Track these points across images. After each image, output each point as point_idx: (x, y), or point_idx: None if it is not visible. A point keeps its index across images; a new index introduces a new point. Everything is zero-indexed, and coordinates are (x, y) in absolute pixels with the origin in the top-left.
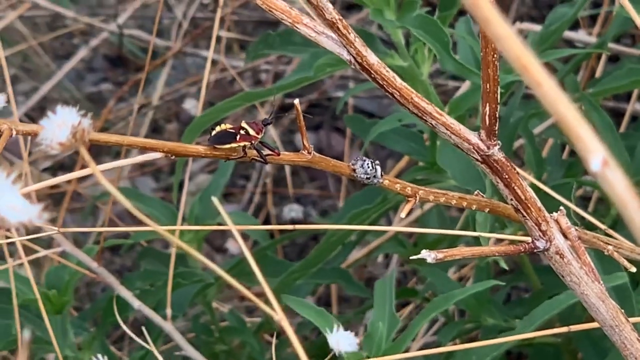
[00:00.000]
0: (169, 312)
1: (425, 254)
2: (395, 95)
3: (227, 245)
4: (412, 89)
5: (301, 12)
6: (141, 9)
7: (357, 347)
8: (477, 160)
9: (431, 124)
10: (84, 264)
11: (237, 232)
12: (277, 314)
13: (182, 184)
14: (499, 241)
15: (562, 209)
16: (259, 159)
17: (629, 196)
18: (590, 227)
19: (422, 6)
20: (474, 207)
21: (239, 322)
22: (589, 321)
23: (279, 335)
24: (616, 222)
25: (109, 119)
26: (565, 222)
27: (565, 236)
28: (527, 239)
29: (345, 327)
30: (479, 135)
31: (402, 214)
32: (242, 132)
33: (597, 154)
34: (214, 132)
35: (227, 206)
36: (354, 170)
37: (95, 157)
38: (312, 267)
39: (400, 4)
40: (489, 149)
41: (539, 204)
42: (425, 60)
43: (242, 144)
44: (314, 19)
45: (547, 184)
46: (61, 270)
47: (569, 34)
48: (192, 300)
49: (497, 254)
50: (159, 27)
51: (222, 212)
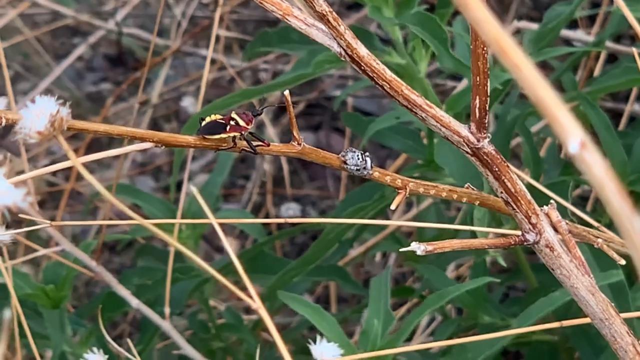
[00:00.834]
0: (167, 311)
1: (415, 245)
2: (385, 87)
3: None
4: (402, 81)
5: (292, 5)
6: (142, 7)
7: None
8: (467, 152)
9: (421, 116)
10: (81, 261)
11: (222, 230)
12: (255, 302)
13: (181, 183)
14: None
15: (552, 202)
16: (249, 149)
17: (606, 178)
18: (587, 226)
19: (420, 4)
20: (464, 199)
21: (235, 320)
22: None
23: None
24: (613, 221)
25: (108, 117)
26: (555, 215)
27: (555, 230)
28: (518, 233)
29: (342, 325)
30: (469, 128)
31: (392, 206)
32: (232, 122)
33: (575, 136)
34: (204, 123)
35: (227, 205)
36: (344, 161)
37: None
38: (309, 264)
39: (398, 1)
40: (478, 141)
41: (529, 196)
42: (423, 57)
43: (232, 134)
44: (304, 12)
45: (544, 182)
46: (59, 266)
47: (567, 34)
48: (189, 296)
49: (486, 247)
50: (160, 26)
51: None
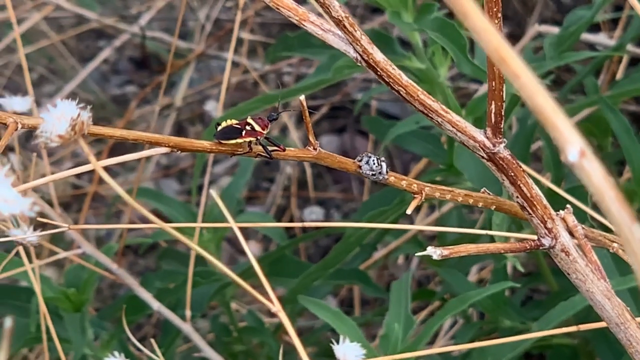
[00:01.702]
0: (188, 314)
1: (431, 250)
2: (401, 92)
3: (248, 246)
4: (417, 86)
5: (309, 10)
6: (167, 11)
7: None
8: (482, 157)
9: (437, 121)
10: (103, 264)
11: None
12: (274, 305)
13: (203, 187)
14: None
15: (568, 206)
16: (264, 154)
17: (606, 186)
18: (607, 231)
19: (439, 9)
20: (480, 204)
21: (257, 323)
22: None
23: (300, 335)
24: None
25: (132, 120)
26: (572, 220)
27: (572, 234)
28: (534, 237)
29: (364, 328)
30: (485, 132)
31: (408, 211)
32: (248, 127)
33: (574, 145)
34: (220, 128)
35: (251, 208)
36: (360, 166)
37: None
38: (329, 267)
39: (418, 6)
40: (494, 146)
41: (545, 201)
42: (442, 62)
43: (248, 139)
44: (325, 17)
45: (565, 187)
46: (80, 269)
47: (589, 37)
48: (210, 299)
49: (502, 251)
50: (185, 30)
51: (213, 194)
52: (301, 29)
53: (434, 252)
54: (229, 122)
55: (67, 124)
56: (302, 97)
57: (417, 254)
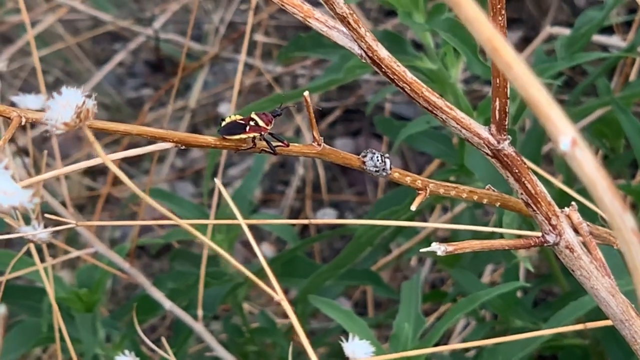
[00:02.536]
0: (200, 313)
1: (435, 246)
2: (405, 89)
3: (261, 247)
4: (422, 83)
5: (314, 7)
6: (182, 13)
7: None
8: (487, 154)
9: (442, 118)
10: (115, 264)
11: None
12: (277, 294)
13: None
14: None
15: (573, 204)
16: (268, 150)
17: (597, 176)
18: None
19: (451, 10)
20: (485, 200)
21: (269, 324)
22: None
23: (312, 335)
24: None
25: (147, 122)
26: (576, 217)
27: (577, 231)
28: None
29: (376, 330)
30: (489, 129)
31: (413, 207)
32: (252, 123)
33: (566, 135)
34: (224, 123)
35: (265, 210)
36: (364, 162)
37: (133, 159)
38: (340, 267)
39: (430, 7)
40: (499, 143)
41: (549, 198)
42: (454, 63)
43: (252, 135)
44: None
45: (576, 187)
46: (93, 269)
47: (602, 39)
48: (222, 300)
49: (507, 247)
50: (199, 32)
51: (223, 191)
52: (313, 30)
53: (438, 248)
54: (233, 117)
55: (73, 112)
56: (306, 93)
57: (421, 249)
